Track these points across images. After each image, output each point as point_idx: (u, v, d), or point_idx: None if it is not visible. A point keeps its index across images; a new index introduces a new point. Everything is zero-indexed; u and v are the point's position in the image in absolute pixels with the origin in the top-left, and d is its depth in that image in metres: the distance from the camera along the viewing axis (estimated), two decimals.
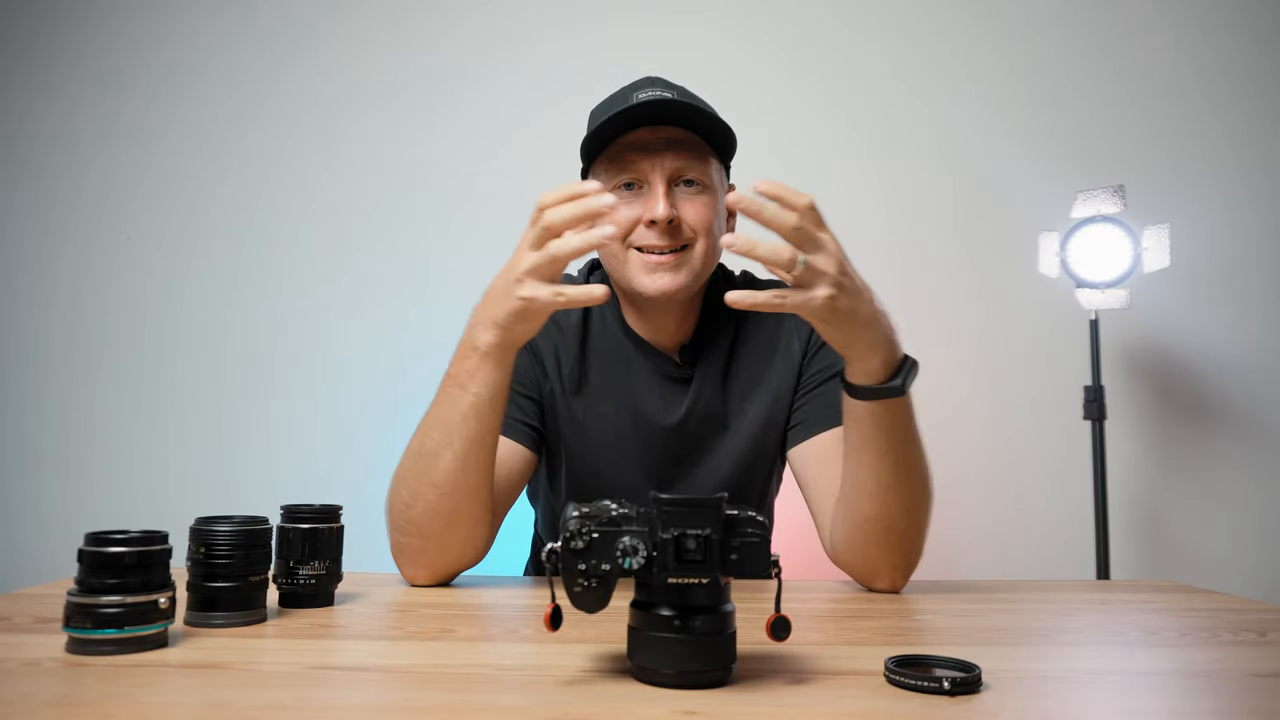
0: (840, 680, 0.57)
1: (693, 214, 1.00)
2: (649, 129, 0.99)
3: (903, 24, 2.09)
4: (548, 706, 0.51)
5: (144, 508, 1.99)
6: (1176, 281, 1.95)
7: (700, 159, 1.01)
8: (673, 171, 0.99)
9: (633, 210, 1.00)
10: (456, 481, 0.87)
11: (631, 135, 1.00)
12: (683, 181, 1.00)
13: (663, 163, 0.99)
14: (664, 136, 0.99)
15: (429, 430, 0.88)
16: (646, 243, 0.99)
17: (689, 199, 1.00)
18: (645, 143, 0.99)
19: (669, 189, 0.99)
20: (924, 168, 2.05)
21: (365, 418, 2.02)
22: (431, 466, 0.87)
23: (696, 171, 1.00)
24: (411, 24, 2.12)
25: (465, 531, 0.90)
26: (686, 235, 1.00)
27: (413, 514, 0.88)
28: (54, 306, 2.10)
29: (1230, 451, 1.99)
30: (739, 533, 0.54)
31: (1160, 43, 2.07)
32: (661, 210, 0.97)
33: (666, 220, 0.98)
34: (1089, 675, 0.61)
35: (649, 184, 1.00)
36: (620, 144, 1.00)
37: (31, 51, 2.14)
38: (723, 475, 1.07)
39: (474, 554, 0.92)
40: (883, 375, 0.84)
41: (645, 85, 1.03)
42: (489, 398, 0.86)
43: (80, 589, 0.59)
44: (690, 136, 1.00)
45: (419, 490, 0.87)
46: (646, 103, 0.97)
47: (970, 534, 1.92)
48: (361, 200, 2.08)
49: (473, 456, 0.87)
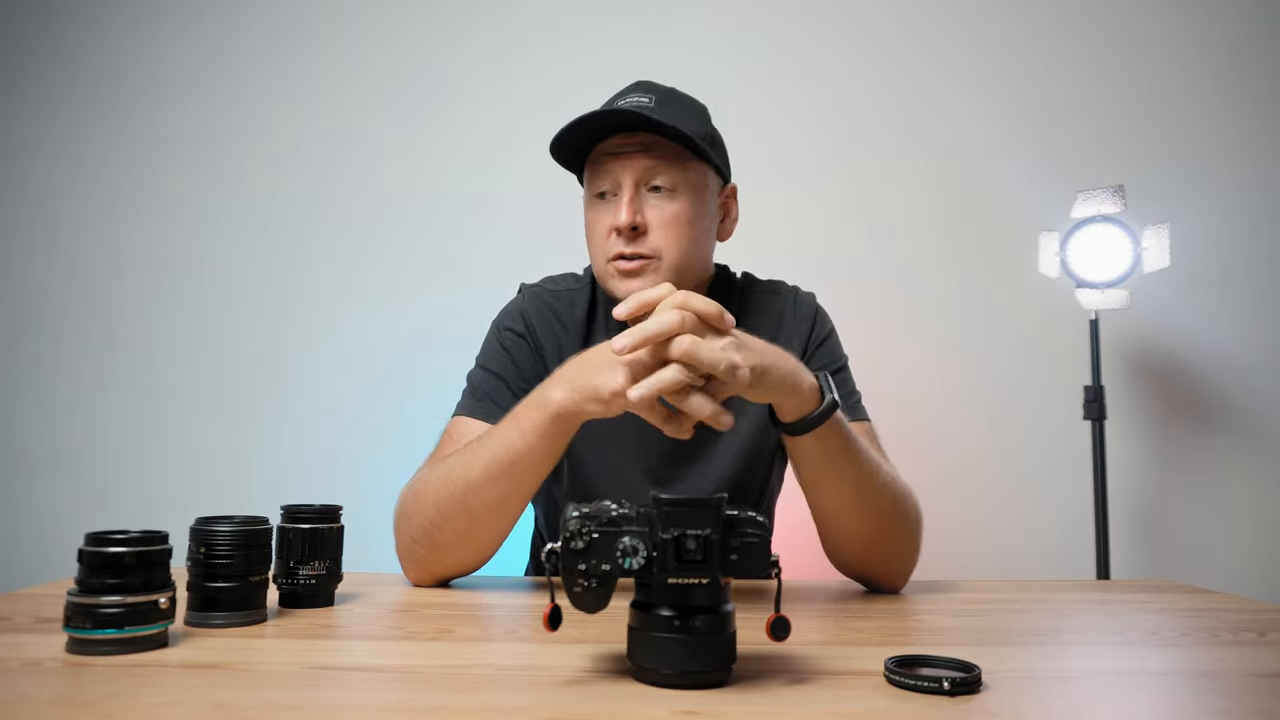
0: (840, 680, 0.57)
1: (660, 220, 1.00)
2: (622, 135, 1.00)
3: (903, 27, 2.09)
4: (548, 706, 0.51)
5: (144, 508, 1.99)
6: (1176, 281, 1.95)
7: (674, 163, 1.00)
8: (640, 177, 1.00)
9: (606, 218, 1.01)
10: (493, 517, 0.88)
11: (607, 142, 1.01)
12: (652, 188, 1.00)
13: (632, 168, 1.00)
14: (636, 141, 1.00)
15: (473, 462, 0.86)
16: (615, 250, 1.00)
17: (657, 205, 1.00)
18: (617, 148, 1.00)
19: (635, 195, 0.99)
20: (924, 168, 2.05)
21: (366, 418, 2.02)
22: (471, 498, 0.86)
23: (667, 177, 1.00)
24: (425, 22, 2.12)
25: (484, 552, 0.91)
26: (653, 243, 1.00)
27: (438, 534, 0.88)
28: (54, 306, 2.10)
29: (1230, 451, 1.99)
30: (739, 533, 0.54)
31: (1160, 43, 2.07)
32: (623, 217, 0.98)
33: (629, 226, 0.98)
34: (1089, 675, 0.61)
35: (620, 191, 1.00)
36: (598, 150, 1.02)
37: (40, 55, 2.14)
38: (722, 474, 1.07)
39: (481, 565, 0.94)
40: (812, 404, 0.83)
41: (632, 91, 1.04)
42: (542, 453, 0.84)
43: (80, 589, 0.59)
44: (662, 141, 1.00)
45: (451, 515, 0.87)
46: (612, 111, 0.98)
47: (970, 534, 1.92)
48: (367, 203, 2.08)
49: (513, 500, 0.87)
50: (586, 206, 1.06)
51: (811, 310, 1.13)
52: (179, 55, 2.13)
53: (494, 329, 1.13)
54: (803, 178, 2.03)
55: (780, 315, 1.12)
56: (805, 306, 1.14)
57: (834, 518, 0.92)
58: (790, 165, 2.02)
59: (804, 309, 1.13)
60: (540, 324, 1.09)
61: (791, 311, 1.12)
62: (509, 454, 0.84)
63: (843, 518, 0.91)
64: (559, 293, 1.12)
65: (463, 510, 0.86)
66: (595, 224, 1.04)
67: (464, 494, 0.86)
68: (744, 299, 1.13)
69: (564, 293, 1.12)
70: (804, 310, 1.13)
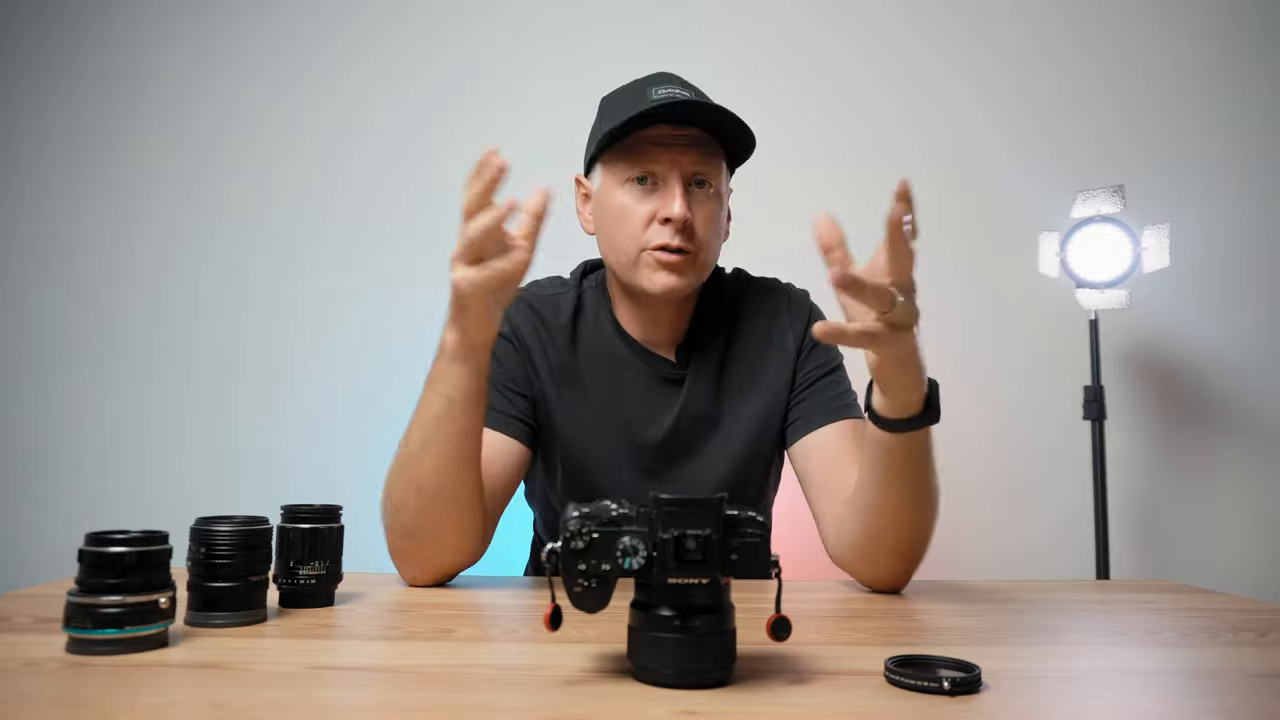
0: (840, 680, 0.57)
1: (703, 217, 1.00)
2: (672, 126, 0.99)
3: (903, 26, 2.09)
4: (548, 706, 0.51)
5: (144, 507, 1.99)
6: (1176, 281, 1.95)
7: (715, 163, 1.01)
8: (690, 172, 0.99)
9: (646, 205, 0.99)
10: (440, 484, 0.86)
11: (651, 130, 0.99)
12: (696, 183, 1.00)
13: (681, 162, 0.99)
14: (686, 135, 0.99)
15: (411, 434, 0.87)
16: (660, 240, 0.98)
17: (702, 202, 1.00)
18: (665, 138, 0.99)
19: (685, 189, 0.99)
20: (924, 168, 2.05)
21: (366, 418, 2.02)
22: (414, 470, 0.86)
23: (711, 174, 1.01)
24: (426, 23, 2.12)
25: (456, 532, 0.89)
26: (698, 239, 1.00)
27: (402, 518, 0.88)
28: (55, 306, 2.10)
29: (1230, 451, 1.99)
30: (739, 533, 0.54)
31: (1160, 43, 2.07)
32: (678, 209, 0.97)
33: (682, 221, 0.97)
34: (1089, 675, 0.61)
35: (664, 182, 0.99)
36: (638, 137, 0.99)
37: (40, 54, 2.14)
38: (718, 475, 1.07)
39: (470, 553, 0.92)
40: (918, 408, 0.80)
41: (661, 81, 1.02)
42: (460, 398, 0.84)
43: (80, 589, 0.59)
44: (709, 138, 1.00)
45: (406, 494, 0.87)
46: (674, 100, 0.96)
47: (970, 534, 1.92)
48: (366, 206, 2.08)
49: (451, 458, 0.86)
50: (614, 190, 1.02)
51: (806, 308, 1.13)
52: (181, 55, 2.13)
53: None
54: (802, 178, 2.03)
55: (775, 313, 1.11)
56: (800, 304, 1.13)
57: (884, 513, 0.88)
58: (790, 165, 2.02)
59: (798, 307, 1.12)
60: (526, 328, 1.08)
61: (786, 309, 1.12)
62: (430, 413, 0.85)
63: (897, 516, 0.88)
64: (544, 298, 1.12)
65: (414, 488, 0.86)
66: (631, 210, 1.00)
67: (409, 470, 0.86)
68: (737, 296, 1.13)
69: (549, 298, 1.12)
70: (798, 308, 1.12)
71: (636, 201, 1.00)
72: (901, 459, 0.84)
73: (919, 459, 0.84)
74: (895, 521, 0.88)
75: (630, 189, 1.01)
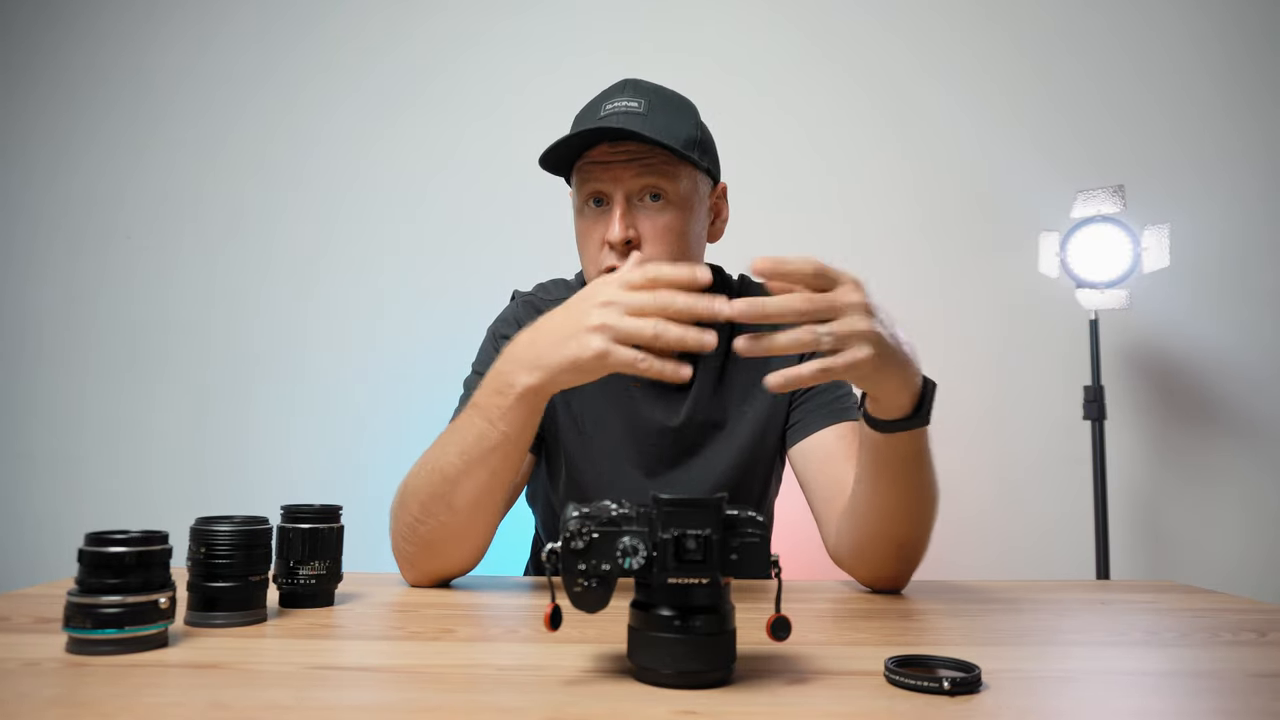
0: (840, 680, 0.57)
1: (653, 232, 0.99)
2: (610, 145, 0.98)
3: (902, 26, 2.09)
4: (548, 706, 0.51)
5: (144, 507, 1.99)
6: (1176, 281, 1.95)
7: (663, 172, 0.98)
8: (636, 188, 0.98)
9: (599, 228, 1.00)
10: (475, 508, 0.86)
11: (595, 151, 0.99)
12: (651, 196, 0.99)
13: (623, 178, 0.98)
14: (625, 150, 0.98)
15: (448, 453, 0.85)
16: (607, 262, 0.98)
17: (651, 216, 0.99)
18: (606, 158, 0.98)
19: (628, 208, 0.98)
20: (924, 168, 2.05)
21: (366, 418, 2.02)
22: (451, 490, 0.85)
23: (658, 186, 0.99)
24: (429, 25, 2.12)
25: (471, 547, 0.90)
26: (645, 255, 0.98)
27: (422, 529, 0.87)
28: (53, 306, 2.10)
29: (1230, 451, 1.99)
30: (739, 533, 0.54)
31: (1160, 43, 2.07)
32: (614, 233, 0.97)
33: (622, 242, 0.97)
34: (1089, 675, 0.61)
35: (611, 201, 0.99)
36: (586, 158, 1.00)
37: (24, 50, 2.14)
38: (721, 478, 1.07)
39: (474, 561, 0.93)
40: (910, 408, 0.80)
41: (619, 92, 1.01)
42: (516, 435, 0.83)
43: (80, 589, 0.59)
44: (653, 150, 0.98)
45: (433, 509, 0.86)
46: (603, 123, 0.96)
47: (970, 534, 1.92)
48: (365, 201, 2.08)
49: (494, 488, 0.86)
50: (576, 214, 1.04)
51: None
52: (182, 54, 2.13)
53: (489, 335, 1.13)
54: (802, 178, 2.03)
55: None
56: None
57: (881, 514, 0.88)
58: (790, 166, 2.02)
59: None
60: None
61: None
62: (481, 444, 0.83)
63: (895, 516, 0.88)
64: (550, 300, 1.11)
65: (444, 505, 0.86)
66: (587, 234, 1.02)
67: (444, 489, 0.85)
68: None
69: (554, 301, 1.12)
70: None
71: (591, 225, 1.01)
72: (896, 459, 0.84)
73: (914, 459, 0.84)
74: (893, 521, 0.88)
75: (587, 211, 1.02)
